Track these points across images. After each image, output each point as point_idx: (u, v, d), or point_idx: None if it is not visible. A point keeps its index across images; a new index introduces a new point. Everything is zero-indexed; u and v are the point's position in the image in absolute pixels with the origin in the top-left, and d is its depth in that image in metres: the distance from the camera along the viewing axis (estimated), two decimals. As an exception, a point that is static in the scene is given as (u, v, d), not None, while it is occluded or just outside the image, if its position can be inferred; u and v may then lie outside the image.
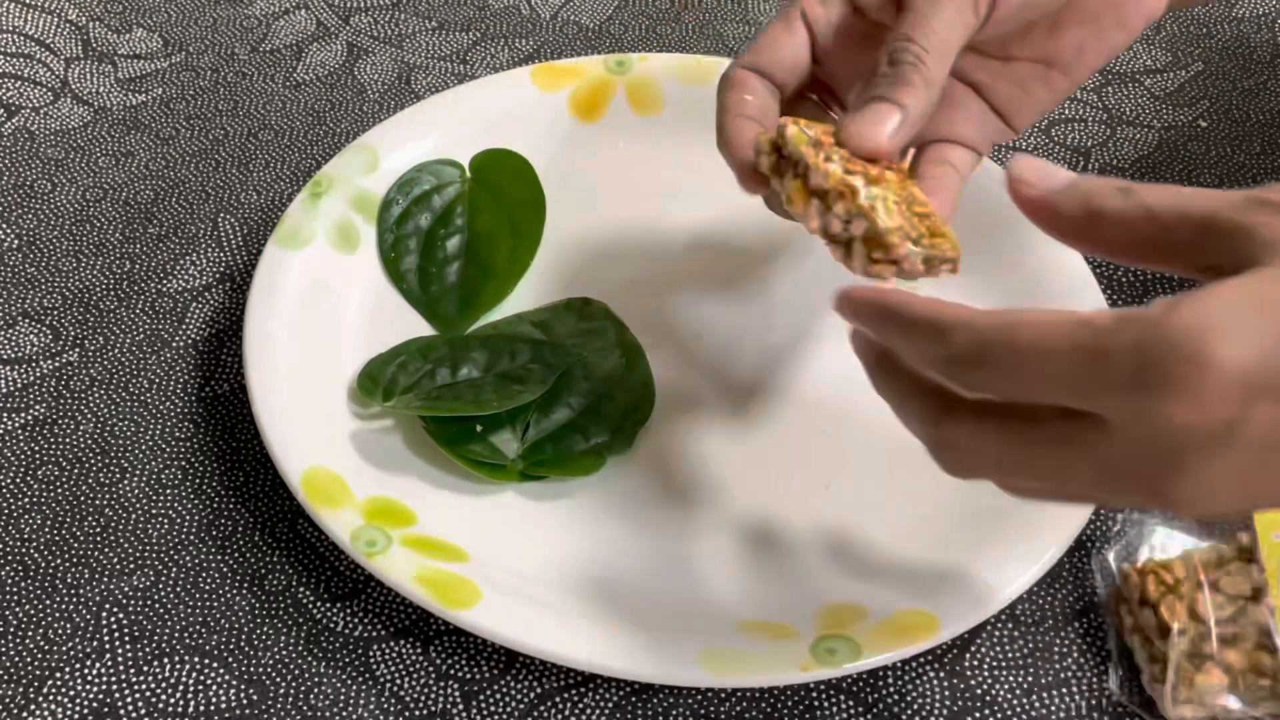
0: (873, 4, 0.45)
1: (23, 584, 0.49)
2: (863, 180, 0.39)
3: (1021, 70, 0.47)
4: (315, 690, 0.46)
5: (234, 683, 0.46)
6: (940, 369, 0.34)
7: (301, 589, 0.49)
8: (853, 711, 0.46)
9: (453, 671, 0.47)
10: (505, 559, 0.48)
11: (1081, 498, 0.36)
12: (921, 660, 0.47)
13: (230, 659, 0.47)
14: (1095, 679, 0.47)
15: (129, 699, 0.46)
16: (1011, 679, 0.47)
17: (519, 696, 0.46)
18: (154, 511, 0.51)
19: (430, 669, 0.47)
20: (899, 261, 0.38)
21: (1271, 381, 0.30)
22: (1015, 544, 0.47)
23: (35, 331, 0.57)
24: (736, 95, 0.44)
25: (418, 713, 0.46)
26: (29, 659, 0.47)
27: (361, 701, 0.46)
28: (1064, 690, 0.47)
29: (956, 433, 0.35)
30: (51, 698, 0.46)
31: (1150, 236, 0.34)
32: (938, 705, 0.46)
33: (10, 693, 0.46)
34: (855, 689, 0.46)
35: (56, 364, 0.55)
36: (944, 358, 0.34)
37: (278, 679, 0.46)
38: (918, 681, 0.47)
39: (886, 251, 0.38)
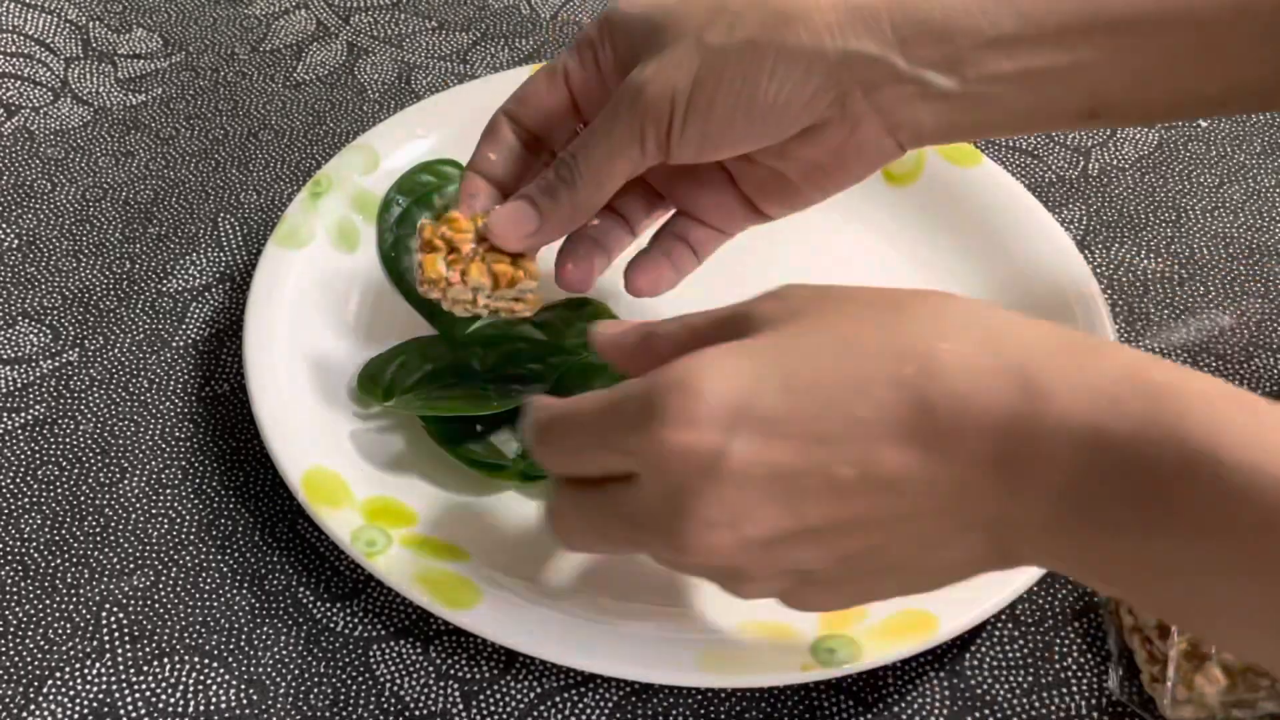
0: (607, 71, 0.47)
1: (23, 584, 0.49)
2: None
3: (763, 173, 0.48)
4: (315, 690, 0.46)
5: (234, 683, 0.46)
6: (530, 449, 0.40)
7: (301, 589, 0.49)
8: (853, 711, 0.46)
9: (453, 671, 0.47)
10: (505, 559, 0.48)
11: (629, 549, 0.41)
12: (921, 660, 0.47)
13: (230, 659, 0.47)
14: (1095, 679, 0.47)
15: (129, 699, 0.46)
16: (1011, 679, 0.47)
17: (519, 696, 0.46)
18: (154, 511, 0.51)
19: (430, 669, 0.47)
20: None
21: (749, 412, 0.34)
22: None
23: (35, 331, 0.57)
24: (483, 150, 0.49)
25: (418, 713, 0.46)
26: (29, 659, 0.47)
27: (361, 701, 0.46)
28: (1064, 690, 0.47)
29: (558, 503, 0.41)
30: (51, 698, 0.46)
31: (689, 341, 0.39)
32: (938, 705, 0.46)
33: (10, 693, 0.46)
34: (855, 689, 0.46)
35: (56, 364, 0.55)
36: (529, 438, 0.40)
37: (278, 679, 0.46)
38: (918, 681, 0.47)
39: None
